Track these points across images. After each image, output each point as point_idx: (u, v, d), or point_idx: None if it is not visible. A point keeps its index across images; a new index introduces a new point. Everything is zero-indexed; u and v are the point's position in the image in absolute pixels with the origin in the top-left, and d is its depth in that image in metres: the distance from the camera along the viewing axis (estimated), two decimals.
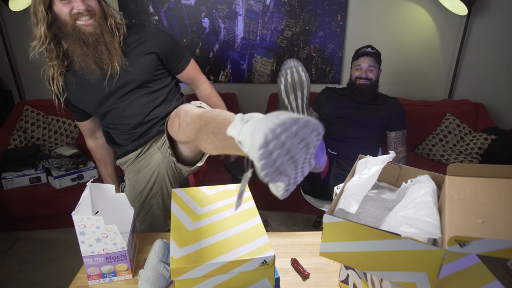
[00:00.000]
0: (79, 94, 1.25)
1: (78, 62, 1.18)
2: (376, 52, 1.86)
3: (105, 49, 1.18)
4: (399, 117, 1.85)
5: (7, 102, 2.65)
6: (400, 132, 1.85)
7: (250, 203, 0.93)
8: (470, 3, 2.29)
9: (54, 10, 1.13)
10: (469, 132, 2.46)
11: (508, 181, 0.74)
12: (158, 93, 1.29)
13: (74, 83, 1.23)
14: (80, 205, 0.88)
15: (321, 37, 2.57)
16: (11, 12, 2.38)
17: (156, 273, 0.88)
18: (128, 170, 1.34)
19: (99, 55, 1.18)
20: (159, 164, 1.27)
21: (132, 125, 1.27)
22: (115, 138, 1.36)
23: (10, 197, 2.08)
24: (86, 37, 1.15)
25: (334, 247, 0.74)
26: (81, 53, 1.17)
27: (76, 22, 1.14)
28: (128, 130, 1.29)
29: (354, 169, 0.93)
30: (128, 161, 1.33)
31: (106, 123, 1.32)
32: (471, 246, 0.56)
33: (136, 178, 1.29)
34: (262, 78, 2.69)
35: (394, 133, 1.85)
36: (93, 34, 1.16)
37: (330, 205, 0.81)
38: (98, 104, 1.25)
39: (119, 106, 1.25)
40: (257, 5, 2.48)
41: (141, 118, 1.26)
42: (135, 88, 1.25)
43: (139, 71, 1.23)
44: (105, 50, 1.18)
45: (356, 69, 1.87)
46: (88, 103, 1.26)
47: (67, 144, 2.46)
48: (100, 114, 1.29)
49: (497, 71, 2.66)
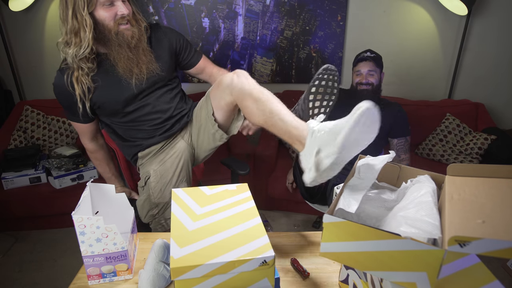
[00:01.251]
0: (105, 94, 1.25)
1: (122, 69, 1.21)
2: (376, 56, 1.83)
3: (142, 53, 1.22)
4: (401, 123, 1.81)
5: (7, 102, 2.65)
6: (402, 139, 1.82)
7: (250, 203, 0.93)
8: (470, 3, 2.29)
9: (95, 15, 1.13)
10: (469, 132, 2.46)
11: (508, 181, 0.74)
12: (175, 90, 1.39)
13: (100, 83, 1.23)
14: (80, 205, 0.88)
15: (321, 37, 2.57)
16: (11, 12, 2.39)
17: (156, 273, 0.88)
18: (149, 161, 1.36)
19: (140, 59, 1.21)
20: (183, 151, 1.33)
21: (162, 119, 1.33)
22: (136, 133, 1.37)
23: (10, 197, 2.08)
24: (130, 42, 1.18)
25: (334, 247, 0.74)
26: (126, 58, 1.19)
27: (119, 27, 1.16)
28: (157, 124, 1.33)
29: (354, 169, 0.93)
30: (151, 152, 1.36)
31: (130, 119, 1.33)
32: (471, 246, 0.56)
33: (162, 167, 1.32)
34: (262, 78, 2.69)
35: (397, 140, 1.82)
36: (134, 39, 1.19)
37: (330, 205, 0.81)
38: (127, 103, 1.27)
39: (149, 103, 1.30)
40: (257, 5, 2.48)
41: (171, 113, 1.34)
42: (161, 86, 1.32)
43: (164, 70, 1.30)
44: (142, 54, 1.22)
45: (357, 75, 1.84)
46: (115, 102, 1.27)
47: (67, 144, 2.46)
48: (127, 112, 1.30)
49: (497, 71, 2.66)
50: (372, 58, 1.81)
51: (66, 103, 1.28)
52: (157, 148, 1.36)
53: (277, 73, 2.67)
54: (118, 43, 1.17)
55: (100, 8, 1.12)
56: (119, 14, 1.14)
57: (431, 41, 2.61)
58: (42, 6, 2.45)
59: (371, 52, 1.84)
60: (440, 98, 2.71)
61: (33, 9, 2.45)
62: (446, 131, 2.47)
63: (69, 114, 1.34)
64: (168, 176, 1.29)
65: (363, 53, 1.85)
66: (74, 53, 1.15)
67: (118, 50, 1.18)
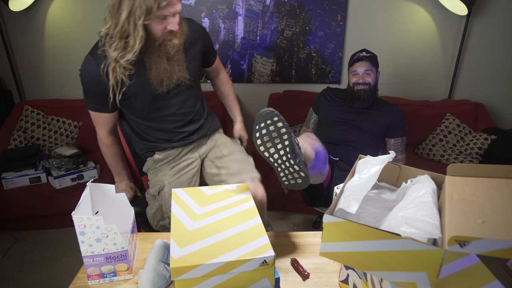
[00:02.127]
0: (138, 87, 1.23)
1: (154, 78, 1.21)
2: (372, 56, 1.81)
3: (176, 64, 1.24)
4: (398, 124, 1.81)
5: (7, 102, 2.65)
6: (399, 140, 1.82)
7: (250, 203, 0.93)
8: (470, 3, 2.29)
9: (147, 25, 1.11)
10: (469, 132, 2.46)
11: (508, 181, 0.74)
12: (196, 89, 1.41)
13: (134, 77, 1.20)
14: (80, 205, 0.88)
15: (321, 37, 2.57)
16: (11, 12, 2.38)
17: (156, 273, 0.88)
18: (162, 168, 1.39)
19: (173, 70, 1.23)
20: (198, 166, 1.44)
21: (184, 122, 1.37)
22: (155, 133, 1.37)
23: (10, 197, 2.07)
24: (170, 53, 1.19)
25: (334, 247, 0.74)
26: (162, 69, 1.20)
27: (165, 39, 1.16)
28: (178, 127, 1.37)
29: (354, 169, 0.93)
30: (167, 158, 1.38)
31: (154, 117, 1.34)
32: (471, 246, 0.56)
33: (178, 181, 1.37)
34: (262, 78, 2.69)
35: (393, 140, 1.82)
36: (174, 50, 1.20)
37: (330, 205, 0.81)
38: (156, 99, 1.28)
39: (175, 104, 1.32)
40: (257, 5, 2.48)
41: (192, 116, 1.38)
42: (187, 88, 1.34)
43: (192, 73, 1.32)
44: (177, 64, 1.24)
45: (353, 75, 1.83)
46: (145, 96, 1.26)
47: (67, 144, 2.46)
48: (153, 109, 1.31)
49: (497, 71, 2.66)
50: (368, 58, 1.79)
51: (97, 91, 1.22)
52: (173, 155, 1.38)
53: (277, 73, 2.67)
54: (158, 54, 1.18)
55: (154, 20, 1.10)
56: (168, 29, 1.13)
57: (431, 41, 2.61)
58: (42, 6, 2.45)
59: (366, 51, 1.82)
60: (440, 98, 2.71)
61: (33, 9, 2.45)
62: (446, 131, 2.47)
63: (93, 104, 1.28)
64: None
65: (359, 53, 1.83)
66: (117, 57, 1.12)
67: (156, 60, 1.18)
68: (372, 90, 1.80)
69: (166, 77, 1.23)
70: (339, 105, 1.90)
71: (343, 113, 1.86)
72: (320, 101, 1.99)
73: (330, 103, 1.93)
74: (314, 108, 2.03)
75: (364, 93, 1.78)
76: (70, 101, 2.54)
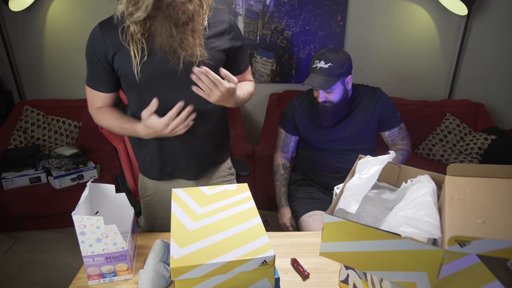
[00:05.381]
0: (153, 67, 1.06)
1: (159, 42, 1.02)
2: (332, 66, 1.41)
3: (190, 34, 1.02)
4: (387, 115, 1.56)
5: (7, 102, 2.65)
6: (395, 129, 1.59)
7: (250, 203, 0.93)
8: (470, 3, 2.29)
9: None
10: (469, 132, 2.46)
11: (508, 181, 0.74)
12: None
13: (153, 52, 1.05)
14: (80, 205, 0.88)
15: (321, 37, 2.57)
16: (11, 12, 2.39)
17: (156, 273, 0.88)
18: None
19: (184, 39, 1.02)
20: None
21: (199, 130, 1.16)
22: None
23: (10, 197, 2.08)
24: (179, 17, 0.99)
25: (334, 247, 0.74)
26: (168, 34, 1.00)
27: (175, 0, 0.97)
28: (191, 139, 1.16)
29: (354, 169, 0.93)
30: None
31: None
32: (471, 246, 0.56)
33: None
34: (262, 78, 2.69)
35: (388, 132, 1.60)
36: (185, 15, 0.99)
37: (330, 205, 0.81)
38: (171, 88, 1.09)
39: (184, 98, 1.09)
40: (257, 5, 2.48)
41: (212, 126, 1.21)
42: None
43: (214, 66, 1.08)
44: (190, 35, 1.03)
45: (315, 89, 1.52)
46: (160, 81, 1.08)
47: (67, 144, 2.46)
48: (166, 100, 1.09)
49: (497, 71, 2.66)
50: (326, 71, 1.42)
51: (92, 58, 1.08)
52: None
53: (277, 73, 2.67)
54: (166, 15, 0.98)
55: None
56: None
57: (431, 41, 2.61)
58: (42, 6, 2.45)
59: (325, 60, 1.43)
60: (440, 98, 2.71)
61: (33, 9, 2.45)
62: (446, 131, 2.47)
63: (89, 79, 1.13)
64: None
65: (315, 62, 1.47)
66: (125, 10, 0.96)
67: (162, 22, 0.99)
68: (338, 106, 1.51)
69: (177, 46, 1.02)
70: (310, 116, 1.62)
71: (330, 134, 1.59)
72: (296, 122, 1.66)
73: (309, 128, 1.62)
74: (287, 129, 1.69)
75: (326, 110, 1.51)
76: (70, 101, 2.55)
